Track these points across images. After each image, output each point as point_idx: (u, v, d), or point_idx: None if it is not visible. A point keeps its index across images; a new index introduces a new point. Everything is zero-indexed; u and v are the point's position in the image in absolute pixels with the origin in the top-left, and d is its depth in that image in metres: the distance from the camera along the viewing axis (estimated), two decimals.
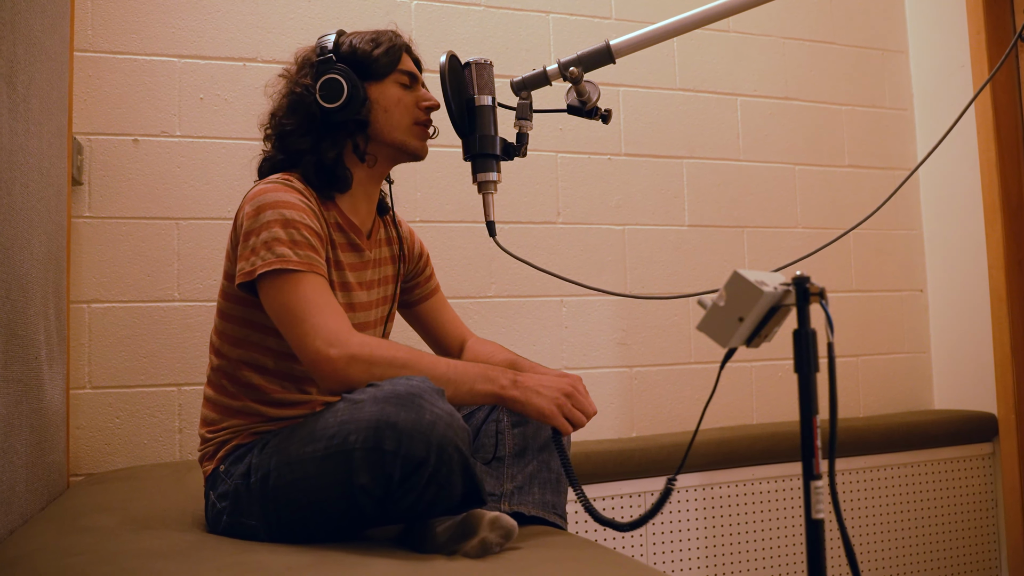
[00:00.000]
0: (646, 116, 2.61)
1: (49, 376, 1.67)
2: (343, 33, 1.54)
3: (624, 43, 1.45)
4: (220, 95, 2.19)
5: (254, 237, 1.35)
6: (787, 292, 0.92)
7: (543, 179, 2.48)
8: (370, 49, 1.49)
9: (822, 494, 0.87)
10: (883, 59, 2.95)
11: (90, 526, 1.37)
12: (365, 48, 1.50)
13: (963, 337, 2.80)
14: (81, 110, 2.07)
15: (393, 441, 1.15)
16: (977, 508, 2.68)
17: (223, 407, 1.44)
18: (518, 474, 1.48)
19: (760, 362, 2.66)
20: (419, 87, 1.56)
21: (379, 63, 1.49)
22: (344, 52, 1.50)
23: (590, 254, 2.52)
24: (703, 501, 2.37)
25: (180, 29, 2.17)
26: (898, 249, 2.91)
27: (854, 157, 2.88)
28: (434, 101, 1.55)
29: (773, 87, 2.79)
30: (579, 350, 2.47)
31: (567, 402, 1.36)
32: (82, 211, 2.06)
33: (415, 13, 2.39)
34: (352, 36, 1.53)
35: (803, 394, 0.89)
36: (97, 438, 2.04)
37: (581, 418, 1.37)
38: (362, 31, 1.55)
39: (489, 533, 1.20)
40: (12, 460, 1.40)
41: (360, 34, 1.53)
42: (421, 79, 1.58)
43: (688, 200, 2.64)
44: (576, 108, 1.49)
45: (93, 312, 2.05)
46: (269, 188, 1.40)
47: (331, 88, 1.46)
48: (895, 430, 2.59)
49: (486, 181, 1.44)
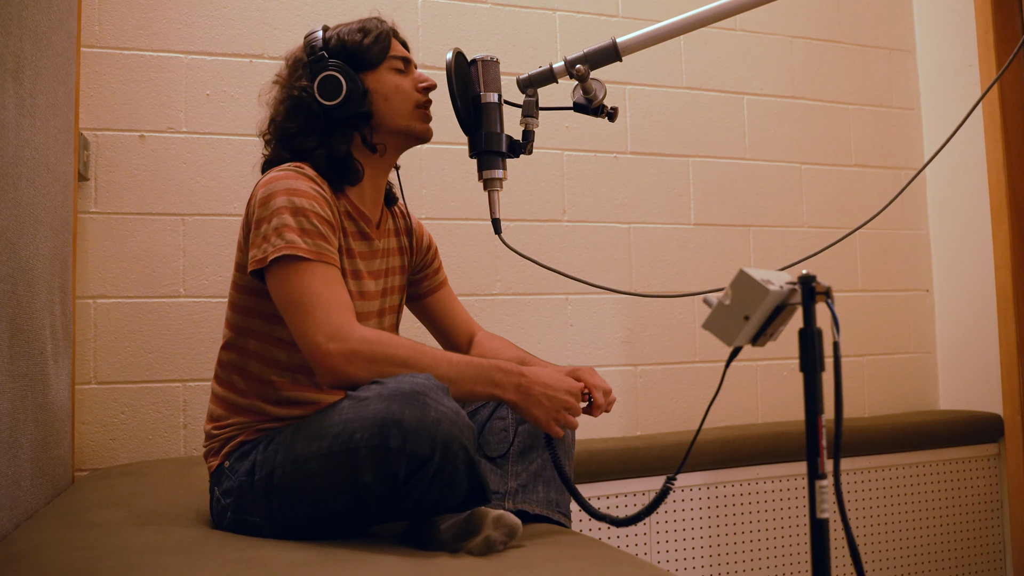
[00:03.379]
0: (652, 114, 2.61)
1: (55, 371, 1.68)
2: (328, 28, 1.53)
3: (631, 41, 1.45)
4: (227, 91, 2.19)
5: (265, 224, 1.35)
6: (793, 291, 0.92)
7: (549, 177, 2.48)
8: (360, 39, 1.49)
9: (827, 493, 0.87)
10: (890, 58, 2.94)
11: (95, 521, 1.37)
12: (355, 39, 1.49)
13: (969, 337, 2.79)
14: (87, 106, 2.08)
15: (398, 439, 1.15)
16: (982, 509, 2.67)
17: (230, 404, 1.44)
18: (522, 472, 1.48)
19: (765, 361, 2.66)
20: (413, 69, 1.56)
21: (371, 52, 1.49)
22: (334, 47, 1.49)
23: (595, 252, 2.51)
24: (708, 500, 2.37)
25: (187, 25, 2.18)
26: (904, 249, 2.90)
27: (861, 156, 2.87)
28: (431, 81, 1.55)
29: (780, 86, 2.78)
30: (584, 348, 2.47)
31: (564, 416, 1.36)
32: (88, 207, 2.07)
33: (422, 9, 2.39)
34: (338, 29, 1.52)
35: (808, 393, 0.89)
36: (102, 433, 2.04)
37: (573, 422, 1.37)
38: (346, 22, 1.54)
39: (493, 531, 1.20)
40: (17, 455, 1.40)
41: (345, 26, 1.52)
42: (414, 61, 1.58)
43: (694, 199, 2.64)
44: (582, 106, 1.49)
45: (99, 307, 2.06)
46: (280, 176, 1.40)
47: (329, 86, 1.45)
48: (900, 430, 2.58)
49: (492, 178, 1.44)
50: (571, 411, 1.36)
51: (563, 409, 1.35)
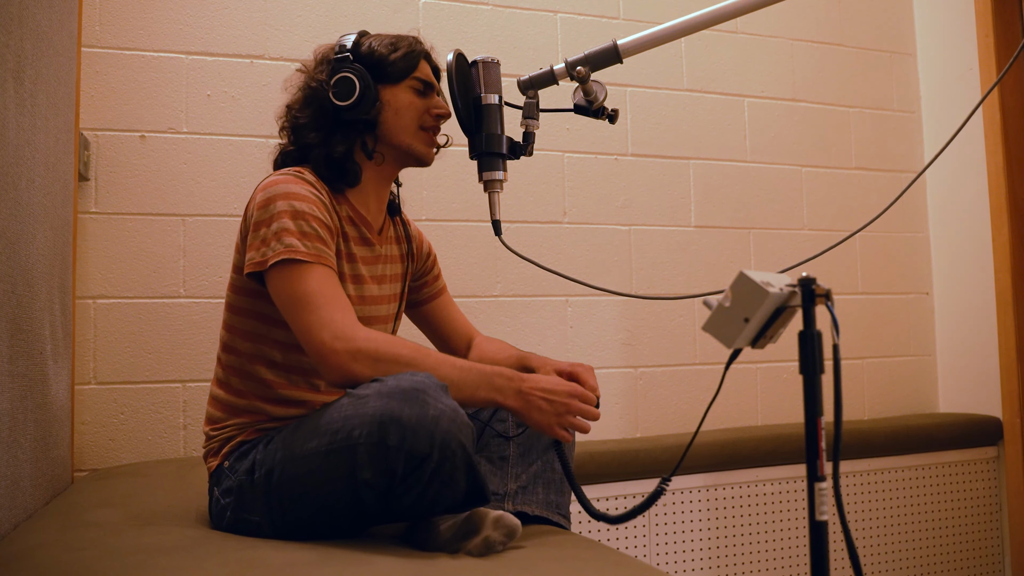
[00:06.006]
0: (653, 116, 2.61)
1: (54, 371, 1.68)
2: (365, 34, 1.55)
3: (631, 43, 1.45)
4: (227, 92, 2.19)
5: (264, 228, 1.36)
6: (793, 293, 0.92)
7: (549, 179, 2.48)
8: (387, 52, 1.51)
9: (826, 496, 0.87)
10: (891, 61, 2.95)
11: (94, 521, 1.37)
12: (382, 51, 1.51)
13: (968, 340, 2.79)
14: (88, 106, 2.08)
15: (397, 436, 1.15)
16: (981, 512, 2.67)
17: (229, 405, 1.45)
18: (522, 474, 1.48)
19: (765, 363, 2.66)
20: (434, 95, 1.57)
21: (395, 67, 1.51)
22: (362, 53, 1.51)
23: (596, 254, 2.51)
24: (707, 502, 2.36)
25: (188, 25, 2.18)
26: (904, 252, 2.90)
27: (861, 159, 2.87)
28: (446, 110, 1.55)
29: (780, 88, 2.78)
30: (584, 350, 2.47)
31: (568, 419, 1.35)
32: (88, 207, 2.07)
33: (423, 11, 2.39)
34: (372, 38, 1.54)
35: (808, 396, 0.89)
36: (102, 434, 2.04)
37: (584, 425, 1.36)
38: (384, 34, 1.56)
39: (492, 532, 1.20)
40: (17, 455, 1.40)
41: (381, 37, 1.54)
42: (438, 88, 1.59)
43: (695, 201, 2.64)
44: (583, 108, 1.49)
45: (99, 308, 2.06)
46: (280, 180, 1.41)
47: (344, 86, 1.47)
48: (900, 433, 2.58)
49: (492, 180, 1.44)
50: (573, 412, 1.35)
51: (565, 413, 1.34)
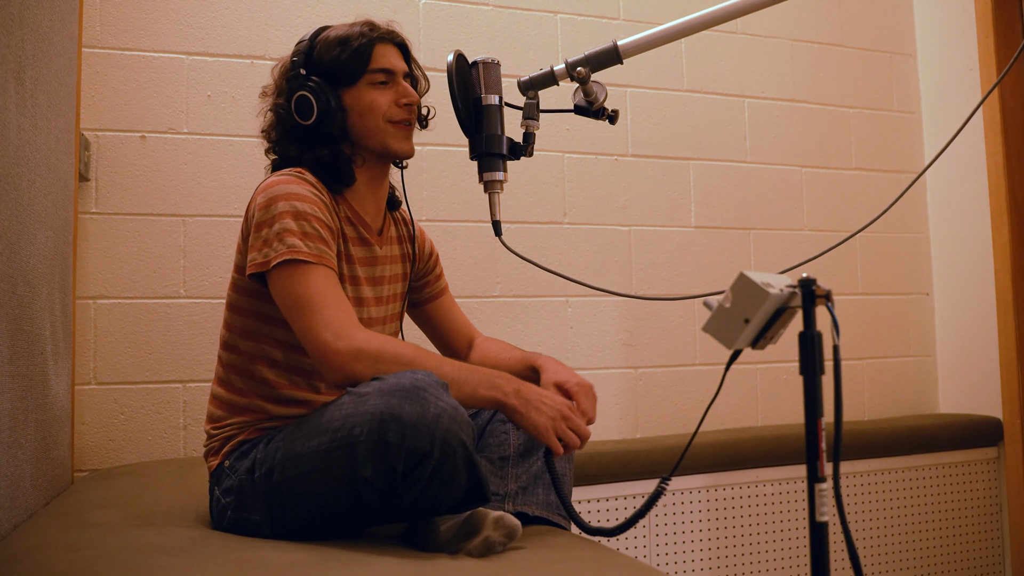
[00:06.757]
0: (653, 117, 2.61)
1: (54, 372, 1.68)
2: (320, 34, 1.52)
3: (632, 44, 1.45)
4: (228, 92, 2.19)
5: (266, 228, 1.36)
6: (793, 294, 0.92)
7: (549, 179, 2.48)
8: (337, 54, 1.47)
9: (826, 497, 0.87)
10: (891, 62, 2.95)
11: (94, 522, 1.37)
12: (332, 54, 1.48)
13: (969, 341, 2.79)
14: (89, 106, 2.08)
15: (397, 433, 1.15)
16: (981, 512, 2.67)
17: (230, 404, 1.45)
18: (522, 474, 1.48)
19: (765, 364, 2.66)
20: (397, 82, 1.52)
21: (347, 69, 1.48)
22: (315, 61, 1.48)
23: (596, 255, 2.51)
24: (707, 503, 2.36)
25: (188, 26, 2.18)
26: (904, 252, 2.90)
27: (861, 160, 2.87)
28: (412, 97, 1.52)
29: (781, 89, 2.78)
30: (584, 350, 2.47)
31: (563, 424, 1.34)
32: (89, 207, 2.07)
33: (423, 12, 2.39)
34: (323, 41, 1.50)
35: (808, 396, 0.89)
36: (102, 434, 2.04)
37: (575, 439, 1.34)
38: (339, 27, 1.52)
39: (493, 532, 1.20)
40: (17, 455, 1.40)
41: (331, 36, 1.50)
42: (402, 69, 1.53)
43: (695, 201, 2.64)
44: (583, 108, 1.49)
45: (99, 308, 2.06)
46: (281, 180, 1.41)
47: (302, 106, 1.46)
48: (900, 433, 2.58)
49: (492, 180, 1.44)
50: (568, 421, 1.35)
51: (561, 418, 1.34)
